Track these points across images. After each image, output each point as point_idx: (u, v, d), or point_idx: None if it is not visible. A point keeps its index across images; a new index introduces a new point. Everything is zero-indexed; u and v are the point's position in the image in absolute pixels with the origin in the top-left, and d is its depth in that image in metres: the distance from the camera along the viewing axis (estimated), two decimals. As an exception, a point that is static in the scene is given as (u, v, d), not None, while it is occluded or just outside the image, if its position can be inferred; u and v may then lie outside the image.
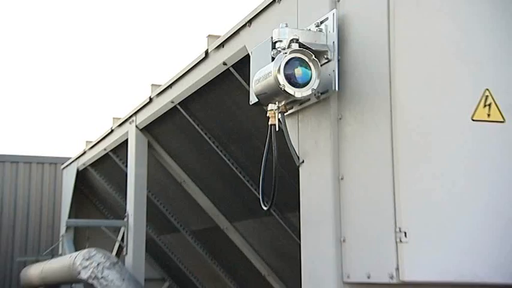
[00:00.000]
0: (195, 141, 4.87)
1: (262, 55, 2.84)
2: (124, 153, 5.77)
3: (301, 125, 2.82)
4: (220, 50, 3.87)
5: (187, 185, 5.38)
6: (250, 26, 3.45)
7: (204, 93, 4.32)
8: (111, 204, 7.13)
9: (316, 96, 2.65)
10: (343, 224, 2.51)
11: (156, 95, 4.90)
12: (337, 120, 2.60)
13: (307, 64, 2.53)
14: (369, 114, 2.42)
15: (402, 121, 2.28)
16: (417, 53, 2.33)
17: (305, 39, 2.61)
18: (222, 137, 4.59)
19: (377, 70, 2.39)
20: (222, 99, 4.26)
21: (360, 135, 2.47)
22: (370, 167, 2.39)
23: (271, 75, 2.52)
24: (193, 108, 4.62)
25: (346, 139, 2.55)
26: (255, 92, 2.67)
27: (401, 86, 2.31)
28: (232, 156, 4.61)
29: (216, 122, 4.55)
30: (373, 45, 2.43)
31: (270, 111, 2.70)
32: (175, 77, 4.51)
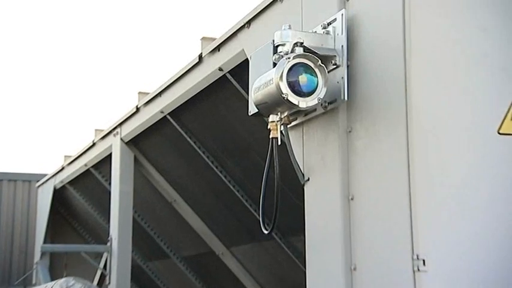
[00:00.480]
0: (187, 156, 4.88)
1: (262, 60, 2.86)
2: (107, 169, 5.77)
3: (306, 139, 2.84)
4: (216, 54, 3.89)
5: (178, 205, 5.38)
6: (249, 28, 3.48)
7: (198, 102, 4.34)
8: (93, 227, 7.12)
9: (323, 107, 2.66)
10: (354, 250, 2.51)
11: (143, 104, 4.92)
12: (346, 133, 2.61)
13: (313, 70, 2.55)
14: (382, 126, 2.43)
15: (420, 134, 2.29)
16: (436, 57, 2.34)
17: (310, 43, 2.63)
18: (218, 151, 4.60)
19: (391, 77, 2.41)
20: (218, 109, 4.28)
21: (372, 149, 2.48)
22: (384, 186, 2.40)
23: (273, 83, 2.54)
24: (185, 119, 4.63)
25: (357, 154, 2.56)
26: (255, 101, 2.68)
27: (418, 94, 2.32)
28: (228, 172, 4.62)
29: (210, 134, 4.56)
30: (386, 49, 2.44)
31: (272, 123, 2.72)
32: (165, 84, 4.53)
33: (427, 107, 2.31)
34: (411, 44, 2.35)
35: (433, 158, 2.28)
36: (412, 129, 2.31)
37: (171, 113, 4.61)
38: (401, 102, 2.35)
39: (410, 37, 2.35)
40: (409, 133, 2.31)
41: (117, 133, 5.40)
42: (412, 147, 2.30)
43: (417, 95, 2.32)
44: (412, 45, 2.35)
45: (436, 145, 2.29)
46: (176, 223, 5.52)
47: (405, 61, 2.36)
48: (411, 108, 2.32)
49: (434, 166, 2.28)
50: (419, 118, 2.31)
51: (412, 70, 2.34)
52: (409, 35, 2.36)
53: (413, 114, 2.31)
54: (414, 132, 2.30)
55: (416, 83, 2.32)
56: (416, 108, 2.31)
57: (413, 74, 2.33)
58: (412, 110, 2.31)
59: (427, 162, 2.28)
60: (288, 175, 3.03)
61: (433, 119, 2.31)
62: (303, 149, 2.85)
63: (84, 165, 6.22)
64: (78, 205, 7.04)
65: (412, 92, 2.32)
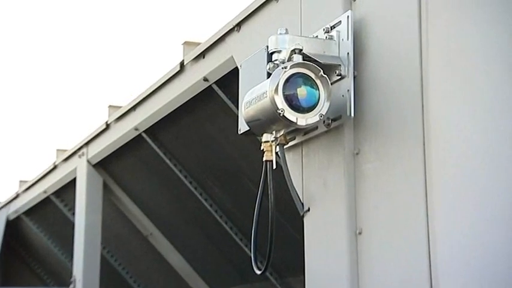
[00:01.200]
0: (166, 181, 4.88)
1: (254, 69, 2.88)
2: (71, 197, 5.76)
3: (306, 162, 2.85)
4: (200, 62, 3.91)
5: (155, 239, 5.37)
6: (239, 31, 3.50)
7: (179, 117, 4.35)
8: (53, 266, 7.08)
9: (325, 124, 2.68)
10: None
11: (114, 119, 4.93)
12: (353, 155, 2.63)
13: (314, 82, 2.57)
14: (396, 148, 2.45)
15: (440, 157, 2.31)
16: (458, 66, 2.36)
17: (311, 50, 2.65)
18: (202, 176, 4.60)
19: (406, 90, 2.43)
20: (202, 126, 4.29)
21: (384, 174, 2.49)
22: (398, 218, 2.41)
23: (267, 97, 2.55)
24: (164, 138, 4.64)
25: (365, 180, 2.57)
26: (246, 118, 2.70)
27: (437, 111, 2.33)
28: (215, 201, 4.62)
29: (194, 155, 4.57)
30: (400, 57, 2.47)
31: (265, 144, 2.73)
32: (140, 96, 4.54)
33: (447, 126, 2.33)
34: (429, 52, 2.37)
35: (455, 185, 2.29)
36: (430, 152, 2.32)
37: (147, 131, 4.63)
38: (418, 119, 2.37)
39: (428, 43, 2.38)
40: (426, 156, 2.33)
41: (83, 154, 5.41)
42: (430, 172, 2.31)
43: (436, 111, 2.34)
44: (430, 53, 2.37)
45: (458, 170, 2.31)
46: (153, 260, 5.50)
47: (422, 71, 2.38)
48: (429, 127, 2.33)
49: (457, 193, 2.29)
50: (438, 138, 2.33)
51: (430, 82, 2.36)
52: (427, 40, 2.38)
53: (432, 134, 2.33)
54: (433, 154, 2.31)
55: (435, 97, 2.34)
56: (435, 126, 2.33)
57: (432, 86, 2.35)
58: (430, 129, 2.33)
59: (448, 190, 2.29)
60: (284, 204, 3.03)
61: (455, 140, 2.32)
62: (302, 173, 2.86)
63: (43, 192, 6.20)
64: (35, 239, 7.01)
65: (430, 107, 2.34)
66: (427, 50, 2.37)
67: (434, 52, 2.37)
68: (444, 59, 2.37)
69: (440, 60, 2.37)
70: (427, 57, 2.37)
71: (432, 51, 2.37)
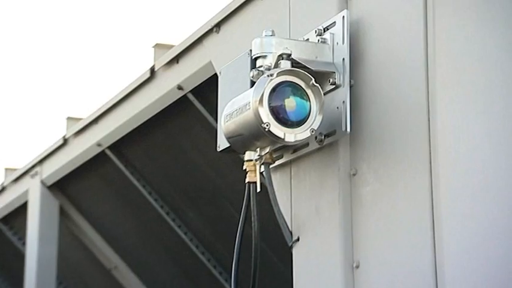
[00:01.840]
0: (133, 205, 4.87)
1: (236, 77, 2.89)
2: (21, 224, 5.72)
3: (295, 184, 2.86)
4: (174, 68, 3.92)
5: (120, 273, 5.34)
6: (218, 32, 3.52)
7: (148, 131, 4.35)
8: (0, 304, 7.02)
9: (317, 141, 2.69)
10: (360, 336, 2.53)
11: (73, 134, 4.91)
12: (349, 176, 2.64)
13: (304, 92, 2.58)
14: (398, 168, 2.46)
15: (449, 178, 2.32)
16: (469, 74, 2.38)
17: (301, 55, 2.66)
18: (175, 199, 4.59)
19: (409, 101, 2.44)
20: (176, 142, 4.29)
21: (385, 199, 2.50)
22: (401, 250, 2.41)
23: (250, 108, 2.56)
24: (131, 155, 4.64)
25: (363, 205, 2.58)
26: (226, 132, 2.70)
27: (446, 125, 2.35)
28: (190, 228, 4.61)
29: (165, 176, 4.56)
30: (404, 64, 2.48)
31: (248, 163, 2.73)
32: (103, 107, 4.54)
33: (457, 143, 2.34)
34: (436, 58, 2.39)
35: (466, 212, 2.30)
36: (437, 173, 2.34)
37: (112, 147, 4.62)
38: (424, 135, 2.39)
39: (435, 48, 2.40)
40: (433, 177, 2.34)
41: (36, 173, 5.38)
42: (438, 195, 2.33)
43: (444, 126, 2.35)
44: (438, 60, 2.39)
45: (470, 194, 2.32)
46: (117, 298, 5.48)
47: (428, 80, 2.40)
48: (436, 144, 2.35)
49: (467, 223, 2.30)
50: (447, 157, 2.34)
51: (437, 92, 2.37)
52: (433, 45, 2.40)
53: (440, 153, 2.34)
54: (441, 176, 2.33)
55: (443, 110, 2.36)
56: (443, 144, 2.34)
57: (440, 97, 2.37)
58: (437, 146, 2.35)
59: (459, 217, 2.30)
60: (270, 233, 3.03)
61: (466, 159, 2.34)
62: (290, 197, 2.87)
63: (-11, 218, 6.16)
64: (-21, 273, 6.95)
65: (438, 122, 2.36)
66: (434, 56, 2.39)
67: (442, 58, 2.39)
68: (453, 66, 2.39)
69: (449, 67, 2.39)
70: (433, 64, 2.39)
71: (440, 57, 2.39)
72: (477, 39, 2.39)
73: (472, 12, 2.39)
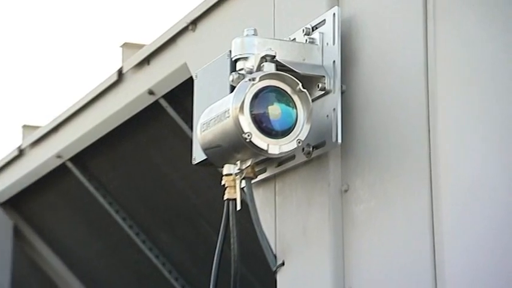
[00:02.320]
0: (99, 225, 4.85)
1: (214, 81, 2.89)
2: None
3: (280, 201, 2.86)
4: (144, 70, 3.92)
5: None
6: (194, 31, 3.52)
7: (115, 142, 4.34)
8: None
9: (305, 153, 2.70)
10: None
11: (30, 144, 4.90)
12: (340, 192, 2.64)
13: (290, 98, 2.58)
14: (395, 184, 2.46)
15: (450, 194, 2.33)
16: (472, 79, 2.39)
17: (287, 56, 2.67)
18: (146, 219, 4.58)
19: (408, 109, 2.45)
20: (146, 154, 4.28)
21: (380, 218, 2.50)
22: (399, 275, 2.41)
23: (229, 116, 2.56)
24: (96, 168, 4.63)
25: (356, 225, 2.58)
26: (202, 143, 2.70)
27: (448, 135, 2.36)
28: (162, 251, 4.60)
29: (135, 192, 4.55)
30: (401, 67, 2.49)
31: (228, 177, 2.73)
32: (65, 113, 4.53)
33: (460, 154, 2.35)
34: (436, 61, 2.40)
35: (469, 234, 2.31)
36: (439, 189, 2.34)
37: (74, 159, 4.61)
38: (423, 147, 2.39)
39: (436, 50, 2.41)
40: (434, 195, 2.35)
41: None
42: (439, 216, 2.33)
43: (447, 136, 2.36)
44: (439, 63, 2.40)
45: (474, 211, 2.32)
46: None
47: (428, 86, 2.41)
48: (437, 156, 2.35)
49: (471, 245, 2.30)
50: (450, 171, 2.35)
51: (438, 99, 2.38)
52: (434, 46, 2.41)
53: (441, 166, 2.34)
54: (442, 192, 2.33)
55: (446, 119, 2.37)
56: (445, 156, 2.35)
57: (441, 105, 2.38)
58: (438, 159, 2.35)
59: (461, 239, 2.30)
60: (252, 256, 3.03)
61: (470, 173, 2.34)
62: (275, 216, 2.86)
63: None
64: None
65: (439, 132, 2.37)
66: (435, 59, 2.40)
67: (443, 61, 2.40)
68: (456, 70, 2.40)
69: (451, 70, 2.40)
70: (434, 68, 2.40)
71: (441, 60, 2.40)
72: (479, 39, 2.40)
73: (472, 11, 2.40)
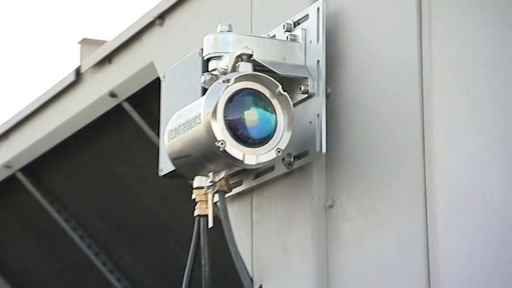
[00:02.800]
0: (53, 244, 4.83)
1: (184, 82, 2.89)
2: None
3: (257, 217, 2.86)
4: (105, 69, 3.92)
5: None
6: (162, 26, 3.52)
7: (72, 150, 4.33)
8: None
9: (285, 164, 2.70)
10: None
11: (-26, 152, 4.88)
12: (324, 208, 2.65)
13: (269, 103, 2.59)
14: (386, 198, 2.47)
15: (447, 211, 2.33)
16: (470, 81, 2.40)
17: (265, 55, 2.67)
18: (106, 237, 4.57)
19: (401, 115, 2.46)
20: (107, 164, 4.27)
21: (369, 237, 2.51)
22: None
23: (201, 122, 2.56)
24: (50, 180, 4.62)
25: (342, 244, 2.58)
26: (170, 153, 2.70)
27: (445, 144, 2.37)
28: (125, 273, 4.59)
29: (94, 207, 4.54)
30: (394, 68, 2.50)
31: (198, 191, 2.73)
32: (14, 118, 4.52)
33: (459, 167, 2.36)
34: (432, 61, 2.41)
35: (467, 254, 2.32)
36: (434, 205, 2.35)
37: (25, 169, 4.59)
38: (417, 157, 2.40)
39: (431, 49, 2.42)
40: (429, 212, 2.35)
41: None
42: (434, 235, 2.33)
43: (443, 145, 2.37)
44: (435, 63, 2.41)
45: (470, 231, 2.33)
46: None
47: (423, 89, 2.42)
48: (433, 168, 2.36)
49: (467, 265, 2.31)
50: (447, 185, 2.35)
51: (434, 104, 2.40)
52: (429, 45, 2.42)
53: (438, 179, 2.35)
54: (439, 210, 2.34)
55: (441, 126, 2.38)
56: (441, 169, 2.35)
57: (437, 110, 2.39)
58: (434, 172, 2.36)
59: (458, 260, 2.31)
60: (225, 279, 3.02)
61: (468, 186, 2.35)
62: (251, 234, 2.87)
63: None
64: None
65: (435, 140, 2.38)
66: (430, 58, 2.42)
67: (439, 60, 2.41)
68: (453, 70, 2.41)
69: (448, 71, 2.41)
70: (429, 68, 2.41)
71: (437, 59, 2.41)
72: (478, 35, 2.42)
73: (469, 6, 2.41)
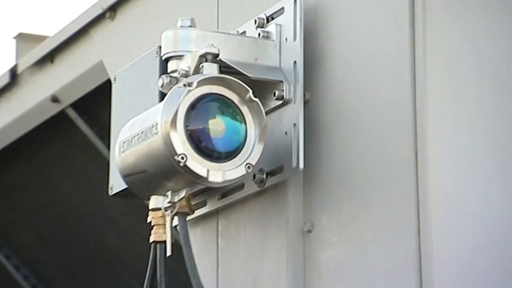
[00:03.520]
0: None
1: (138, 86, 2.91)
2: None
3: (224, 244, 2.88)
4: (46, 70, 3.92)
5: None
6: (113, 19, 3.53)
7: (7, 163, 4.34)
8: None
9: (257, 182, 2.72)
10: None
11: None
12: (302, 233, 2.66)
13: (237, 110, 2.61)
14: (373, 222, 2.50)
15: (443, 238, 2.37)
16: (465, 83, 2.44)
17: (233, 55, 2.70)
18: (46, 266, 4.57)
19: (391, 124, 2.49)
20: (48, 180, 4.27)
21: (354, 267, 2.52)
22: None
23: (158, 133, 2.57)
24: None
25: (323, 276, 2.60)
26: (122, 168, 2.72)
27: (439, 157, 2.40)
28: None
29: (31, 230, 4.53)
30: (383, 70, 2.53)
31: (155, 213, 2.74)
32: None
33: (455, 185, 2.39)
34: (426, 62, 2.44)
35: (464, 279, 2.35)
36: (428, 229, 2.37)
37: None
38: (409, 173, 2.43)
39: (425, 48, 2.45)
40: (422, 237, 2.38)
41: None
42: (427, 264, 2.36)
43: (438, 159, 2.40)
44: (429, 64, 2.44)
45: (469, 262, 2.37)
46: None
47: (415, 93, 2.45)
48: (426, 186, 2.39)
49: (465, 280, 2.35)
50: (441, 206, 2.38)
51: (429, 110, 2.42)
52: (423, 43, 2.45)
53: (431, 198, 2.38)
54: (432, 234, 2.36)
55: (437, 135, 2.41)
56: (435, 187, 2.38)
57: (431, 118, 2.42)
58: (427, 190, 2.39)
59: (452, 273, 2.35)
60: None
61: (466, 208, 2.38)
62: (217, 264, 2.89)
63: None
64: None
65: (429, 154, 2.40)
66: (424, 59, 2.44)
67: (434, 62, 2.44)
68: (449, 74, 2.44)
69: (443, 74, 2.44)
70: (424, 71, 2.44)
71: (432, 61, 2.44)
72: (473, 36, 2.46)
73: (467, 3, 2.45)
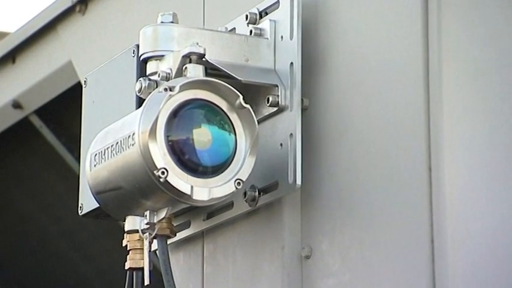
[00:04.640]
0: None
1: (112, 90, 2.95)
2: None
3: (210, 271, 2.91)
4: (7, 71, 3.95)
5: None
6: (84, 14, 3.55)
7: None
8: None
9: (248, 200, 2.76)
10: None
11: None
12: (299, 259, 2.70)
13: (226, 118, 2.65)
14: (380, 247, 2.54)
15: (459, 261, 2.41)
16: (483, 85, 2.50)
17: (221, 55, 2.74)
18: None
19: (399, 132, 2.53)
20: (7, 196, 4.26)
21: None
22: None
23: (135, 144, 2.61)
24: None
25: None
26: (94, 184, 2.75)
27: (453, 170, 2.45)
28: None
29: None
30: (391, 73, 2.57)
31: (131, 236, 2.77)
32: None
33: (472, 206, 2.43)
34: (442, 66, 2.49)
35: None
36: (443, 256, 2.42)
37: None
38: (423, 193, 2.47)
39: (441, 51, 2.50)
40: (437, 266, 2.43)
41: None
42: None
43: (452, 174, 2.44)
44: (445, 68, 2.49)
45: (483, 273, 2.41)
46: None
47: (429, 99, 2.50)
48: (440, 207, 2.44)
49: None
50: (457, 227, 2.42)
51: (444, 119, 2.47)
52: (439, 45, 2.50)
53: (447, 222, 2.43)
54: (448, 261, 2.41)
55: (452, 149, 2.45)
56: (452, 208, 2.43)
57: (447, 127, 2.46)
58: (443, 211, 2.44)
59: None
60: None
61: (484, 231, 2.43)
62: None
63: None
64: None
65: (445, 169, 2.45)
66: (439, 61, 2.49)
67: (450, 64, 2.49)
68: (466, 75, 2.49)
69: (459, 78, 2.49)
70: (439, 75, 2.49)
71: (447, 63, 2.49)
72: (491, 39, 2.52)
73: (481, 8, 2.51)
